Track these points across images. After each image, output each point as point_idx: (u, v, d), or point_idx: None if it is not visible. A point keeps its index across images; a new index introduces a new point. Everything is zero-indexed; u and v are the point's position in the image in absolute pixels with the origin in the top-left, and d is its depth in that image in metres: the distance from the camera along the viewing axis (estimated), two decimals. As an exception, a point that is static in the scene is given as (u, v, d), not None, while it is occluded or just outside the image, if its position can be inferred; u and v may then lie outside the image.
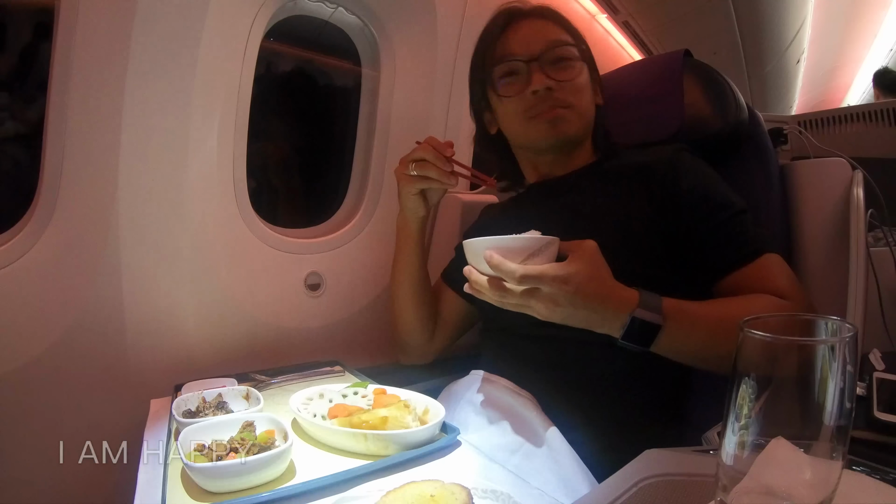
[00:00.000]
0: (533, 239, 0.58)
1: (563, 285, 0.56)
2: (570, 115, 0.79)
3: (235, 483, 0.49)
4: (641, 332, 0.59)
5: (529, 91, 0.78)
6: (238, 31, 0.93)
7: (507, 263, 0.56)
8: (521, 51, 0.80)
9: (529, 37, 0.80)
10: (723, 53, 3.08)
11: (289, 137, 1.44)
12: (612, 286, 0.60)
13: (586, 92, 0.81)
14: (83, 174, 0.83)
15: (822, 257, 0.87)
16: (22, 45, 1.02)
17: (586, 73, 0.82)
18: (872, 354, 0.73)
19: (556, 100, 0.78)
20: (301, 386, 0.81)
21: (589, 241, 0.60)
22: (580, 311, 0.58)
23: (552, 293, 0.56)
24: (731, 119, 0.87)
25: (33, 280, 0.81)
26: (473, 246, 0.60)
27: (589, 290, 0.57)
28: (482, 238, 0.59)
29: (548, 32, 0.81)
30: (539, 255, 0.57)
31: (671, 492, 0.39)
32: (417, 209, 0.86)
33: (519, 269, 0.55)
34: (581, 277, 0.56)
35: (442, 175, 0.80)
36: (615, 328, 0.60)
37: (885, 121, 1.30)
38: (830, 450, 0.29)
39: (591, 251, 0.59)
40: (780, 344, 0.29)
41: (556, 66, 0.79)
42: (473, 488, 0.45)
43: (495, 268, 0.56)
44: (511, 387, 0.71)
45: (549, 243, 0.58)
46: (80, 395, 0.84)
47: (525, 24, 0.82)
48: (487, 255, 0.56)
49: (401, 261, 0.91)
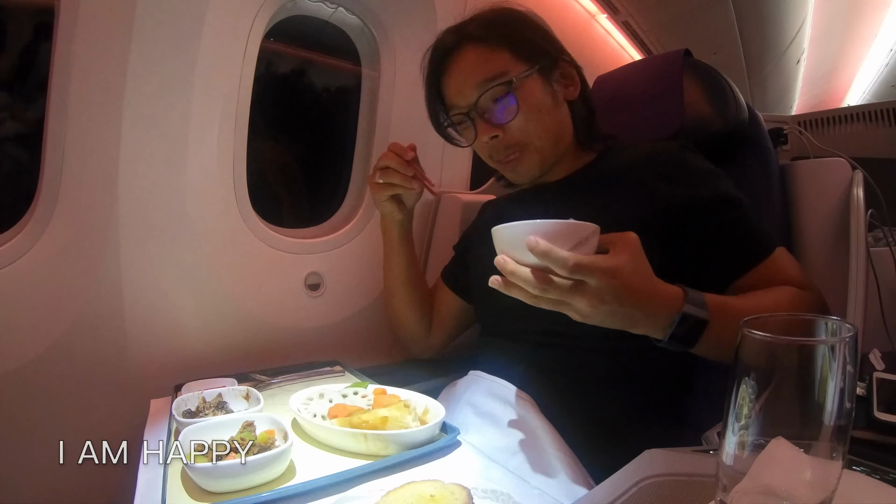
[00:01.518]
0: (581, 225, 0.51)
1: (611, 279, 0.50)
2: (528, 157, 0.77)
3: (235, 483, 0.49)
4: (689, 330, 0.55)
5: (481, 140, 0.77)
6: (238, 32, 0.93)
7: (558, 251, 0.48)
8: (458, 100, 0.77)
9: (462, 81, 0.76)
10: (723, 53, 3.08)
11: (289, 137, 1.44)
12: (657, 282, 0.55)
13: (539, 114, 0.75)
14: (83, 174, 0.83)
15: (822, 257, 0.87)
16: (22, 45, 1.02)
17: (536, 88, 0.75)
18: (872, 354, 0.73)
19: (508, 146, 0.76)
20: (301, 386, 0.81)
21: (631, 234, 0.54)
22: (626, 307, 0.52)
23: (599, 287, 0.50)
24: (731, 119, 0.87)
25: (33, 280, 0.81)
26: (511, 231, 0.51)
27: (637, 285, 0.52)
28: (522, 222, 0.50)
29: (479, 68, 0.75)
30: (586, 245, 0.50)
31: (671, 492, 0.39)
32: (394, 213, 0.89)
33: (572, 258, 0.48)
34: (629, 271, 0.51)
35: (404, 181, 0.83)
36: (659, 327, 0.55)
37: (885, 121, 1.30)
38: (830, 450, 0.29)
39: (634, 244, 0.54)
40: (780, 344, 0.29)
41: (495, 108, 0.75)
42: (473, 488, 0.45)
43: (543, 255, 0.48)
44: (510, 388, 0.71)
45: (594, 231, 0.51)
46: (80, 395, 0.84)
47: (457, 63, 0.77)
48: (532, 242, 0.48)
49: (389, 263, 0.95)
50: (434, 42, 0.81)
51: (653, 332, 0.56)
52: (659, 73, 0.95)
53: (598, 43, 2.06)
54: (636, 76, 1.02)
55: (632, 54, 2.36)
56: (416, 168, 0.84)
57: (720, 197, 0.69)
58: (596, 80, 1.05)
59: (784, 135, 1.04)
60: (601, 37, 2.09)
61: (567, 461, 0.60)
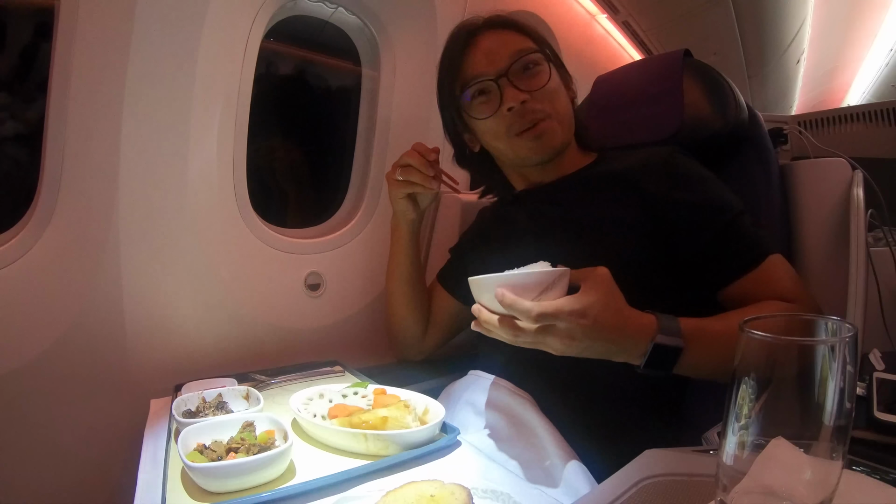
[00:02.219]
0: (545, 273, 0.54)
1: (579, 319, 0.53)
2: (553, 125, 0.77)
3: (235, 483, 0.49)
4: (663, 358, 0.57)
5: (505, 109, 0.76)
6: (238, 32, 0.93)
7: (522, 302, 0.52)
8: (487, 68, 0.77)
9: (493, 51, 0.78)
10: (723, 53, 3.08)
11: (289, 137, 1.44)
12: (629, 315, 0.57)
13: (561, 94, 0.80)
14: (83, 174, 0.83)
15: (822, 257, 0.87)
16: (22, 45, 1.02)
17: (556, 74, 0.80)
18: (872, 354, 0.73)
19: (535, 112, 0.76)
20: (301, 386, 0.81)
21: (601, 269, 0.57)
22: (598, 343, 0.55)
23: (569, 328, 0.53)
24: (731, 119, 0.87)
25: (33, 280, 0.81)
26: (482, 283, 0.56)
27: (606, 322, 0.54)
28: (490, 276, 0.55)
29: (510, 43, 0.78)
30: (553, 290, 0.54)
31: (671, 492, 0.39)
32: (407, 212, 0.90)
33: (535, 308, 0.52)
34: (597, 309, 0.53)
35: (425, 180, 0.84)
36: (635, 356, 0.57)
37: (885, 121, 1.30)
38: (830, 450, 0.29)
39: (604, 279, 0.56)
40: (780, 344, 0.29)
41: (525, 75, 0.77)
42: (473, 488, 0.45)
43: (508, 307, 0.53)
44: (510, 387, 0.71)
45: (561, 275, 0.55)
46: (79, 396, 0.84)
47: (485, 39, 0.79)
48: (499, 294, 0.53)
49: (394, 261, 0.95)
50: (458, 25, 0.83)
51: (630, 360, 0.58)
52: (659, 73, 0.95)
53: (598, 43, 2.06)
54: (636, 76, 1.02)
55: (632, 54, 2.36)
56: (437, 169, 0.85)
57: (710, 202, 0.69)
58: (596, 80, 1.05)
59: (784, 135, 1.04)
60: (601, 37, 2.09)
61: (567, 461, 0.60)
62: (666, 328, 0.57)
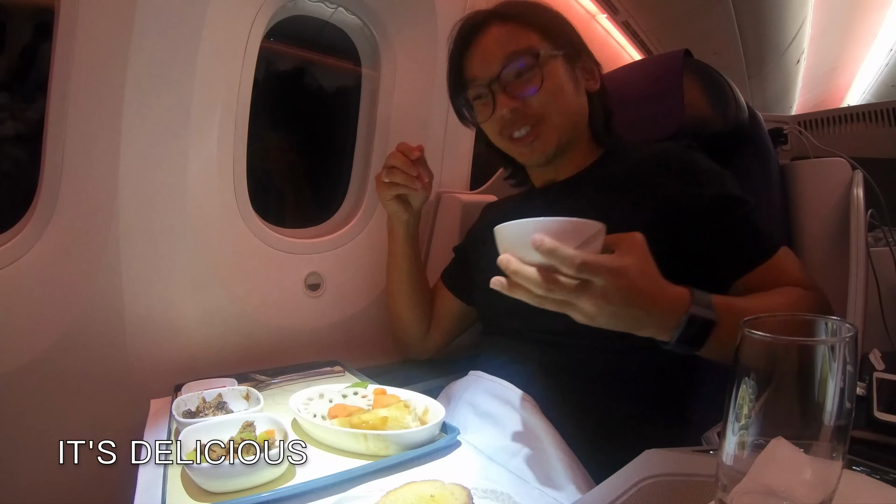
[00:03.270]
0: (586, 223, 0.49)
1: (618, 279, 0.48)
2: (545, 130, 0.75)
3: (235, 483, 0.49)
4: (696, 332, 0.54)
5: (497, 114, 0.75)
6: (238, 32, 0.93)
7: (565, 249, 0.47)
8: (481, 73, 0.77)
9: (487, 54, 0.76)
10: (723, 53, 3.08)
11: (289, 137, 1.44)
12: (664, 284, 0.54)
13: (562, 93, 0.76)
14: (83, 174, 0.83)
15: (822, 257, 0.87)
16: (22, 45, 1.02)
17: (560, 69, 0.76)
18: (872, 354, 0.73)
19: (526, 117, 0.75)
20: (301, 386, 0.81)
21: (637, 234, 0.53)
22: (632, 309, 0.51)
23: (605, 287, 0.48)
24: (731, 119, 0.87)
25: (33, 280, 0.81)
26: (515, 229, 0.50)
27: (643, 287, 0.51)
28: (526, 220, 0.49)
29: (506, 42, 0.75)
30: (591, 244, 0.49)
31: (671, 492, 0.39)
32: (399, 213, 0.89)
33: (579, 256, 0.47)
34: (635, 272, 0.50)
35: (408, 180, 0.83)
36: (666, 329, 0.54)
37: (885, 121, 1.30)
38: (830, 450, 0.29)
39: (641, 244, 0.52)
40: (780, 344, 0.29)
41: (519, 80, 0.74)
42: (473, 488, 0.45)
43: (549, 253, 0.47)
44: (510, 388, 0.71)
45: (600, 230, 0.50)
46: (80, 395, 0.84)
47: (483, 39, 0.77)
48: (538, 240, 0.47)
49: (392, 263, 0.95)
50: (462, 19, 0.81)
51: (659, 334, 0.54)
52: (659, 73, 0.95)
53: (598, 43, 2.06)
54: (636, 76, 1.02)
55: (632, 54, 2.36)
56: (419, 168, 0.84)
57: (726, 196, 0.69)
58: (596, 80, 1.04)
59: (784, 135, 1.04)
60: (601, 37, 2.09)
61: (567, 461, 0.60)
62: (700, 300, 0.54)
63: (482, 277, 0.80)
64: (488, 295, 0.58)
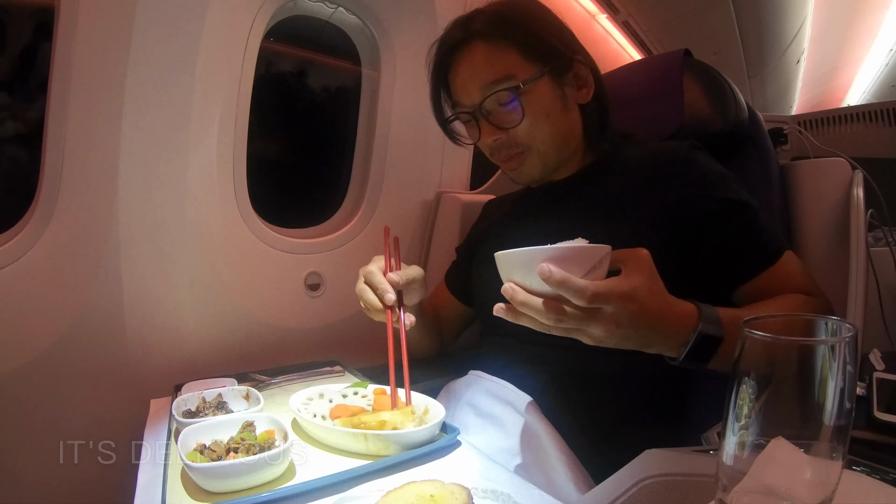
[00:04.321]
0: (593, 248, 0.48)
1: (628, 303, 0.47)
2: (530, 158, 0.74)
3: (235, 483, 0.49)
4: (704, 348, 0.53)
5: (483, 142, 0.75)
6: (238, 32, 0.93)
7: (576, 280, 0.45)
8: (463, 101, 0.75)
9: (467, 82, 0.73)
10: (723, 53, 3.08)
11: (289, 137, 1.44)
12: (671, 301, 0.53)
13: (547, 119, 0.72)
14: (83, 174, 0.83)
15: (822, 257, 0.87)
16: (22, 45, 1.02)
17: (545, 91, 0.72)
18: (872, 354, 0.73)
19: (511, 147, 0.74)
20: (301, 386, 0.81)
21: (642, 251, 0.51)
22: (642, 331, 0.50)
23: (616, 313, 0.47)
24: (731, 119, 0.87)
25: (33, 280, 0.81)
26: (519, 258, 0.48)
27: (652, 307, 0.49)
28: (532, 248, 0.47)
29: (484, 70, 0.71)
30: (599, 268, 0.48)
31: (671, 492, 0.39)
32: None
33: (590, 287, 0.45)
34: (643, 293, 0.48)
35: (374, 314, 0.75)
36: (674, 347, 0.53)
37: (885, 121, 1.30)
38: (830, 450, 0.29)
39: (646, 261, 0.51)
40: (780, 344, 0.29)
41: (501, 110, 0.72)
42: (473, 488, 0.45)
43: (559, 285, 0.45)
44: (510, 388, 0.70)
45: (607, 254, 0.48)
46: (80, 396, 0.84)
47: (461, 66, 0.74)
48: (545, 270, 0.45)
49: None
50: (440, 36, 0.78)
51: (667, 351, 0.54)
52: (659, 73, 0.95)
53: (598, 43, 2.06)
54: (636, 76, 1.02)
55: (632, 54, 2.36)
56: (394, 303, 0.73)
57: (731, 201, 0.67)
58: (596, 80, 1.04)
59: (784, 135, 1.04)
60: (601, 37, 2.09)
61: (567, 461, 0.60)
62: (707, 316, 0.53)
63: (483, 278, 0.80)
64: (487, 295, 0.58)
